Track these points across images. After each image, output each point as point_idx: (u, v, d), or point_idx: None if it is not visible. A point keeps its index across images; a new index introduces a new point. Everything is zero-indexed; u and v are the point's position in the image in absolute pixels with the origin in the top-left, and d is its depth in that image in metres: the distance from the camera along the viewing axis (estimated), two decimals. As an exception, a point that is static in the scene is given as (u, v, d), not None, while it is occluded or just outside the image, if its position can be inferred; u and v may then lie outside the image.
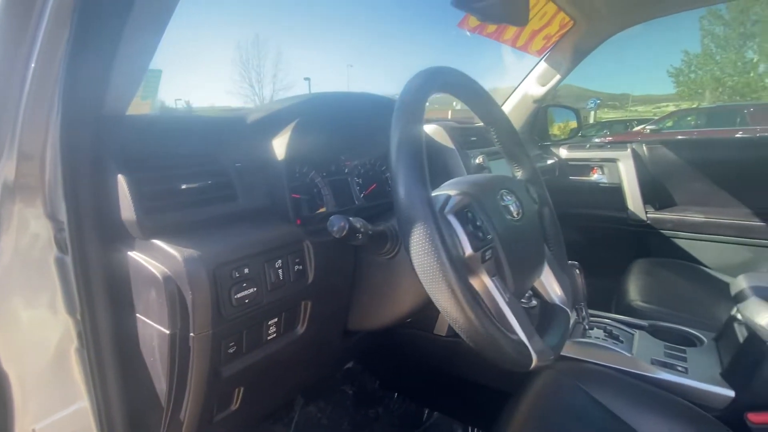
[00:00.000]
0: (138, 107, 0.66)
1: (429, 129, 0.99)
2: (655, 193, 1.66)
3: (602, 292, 1.54)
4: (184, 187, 0.51)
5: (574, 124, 2.05)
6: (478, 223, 0.51)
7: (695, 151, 1.62)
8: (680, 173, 1.62)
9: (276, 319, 0.57)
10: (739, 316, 0.81)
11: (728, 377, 0.79)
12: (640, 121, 12.01)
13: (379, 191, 0.90)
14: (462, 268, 0.45)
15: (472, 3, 0.91)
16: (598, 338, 0.94)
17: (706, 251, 1.55)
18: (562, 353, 0.90)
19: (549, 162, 1.80)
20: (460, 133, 1.02)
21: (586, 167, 1.81)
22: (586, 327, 0.98)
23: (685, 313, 1.10)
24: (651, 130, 9.87)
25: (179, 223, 0.50)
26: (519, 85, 1.76)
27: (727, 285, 1.36)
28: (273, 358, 0.59)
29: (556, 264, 0.70)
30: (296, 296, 0.59)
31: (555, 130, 2.04)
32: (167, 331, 0.46)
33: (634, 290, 1.25)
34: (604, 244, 1.79)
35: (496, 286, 0.52)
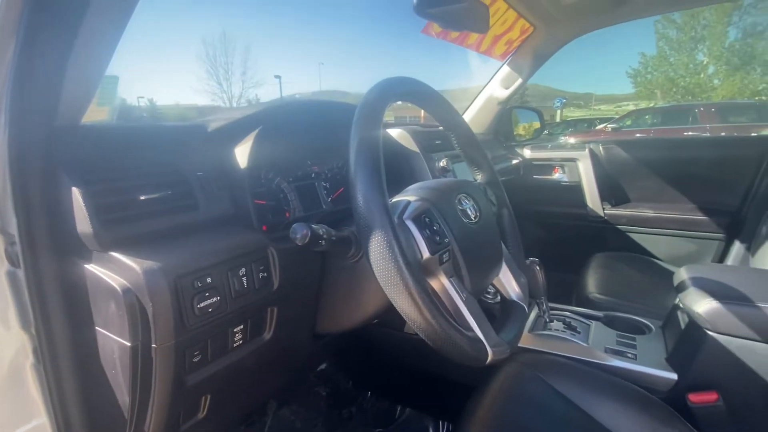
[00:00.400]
0: (94, 114, 0.64)
1: (394, 133, 1.02)
2: (611, 190, 1.76)
3: (564, 285, 1.62)
4: (143, 198, 0.51)
5: (537, 124, 2.14)
6: (435, 228, 0.54)
7: (646, 150, 1.73)
8: (633, 172, 1.72)
9: (242, 327, 0.57)
10: (681, 305, 0.88)
11: (672, 361, 0.85)
12: (603, 120, 12.61)
13: (347, 195, 0.92)
14: (419, 272, 0.48)
15: (433, 11, 0.94)
16: (558, 330, 0.99)
17: (657, 244, 1.66)
18: (524, 345, 0.95)
19: (514, 162, 1.87)
20: (425, 136, 1.05)
21: (548, 167, 1.89)
22: (547, 320, 1.03)
23: (637, 303, 1.18)
24: (612, 128, 10.37)
25: (139, 234, 0.50)
26: (484, 87, 1.82)
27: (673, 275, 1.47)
28: (240, 365, 0.60)
29: (513, 262, 0.74)
30: (262, 303, 0.59)
31: (520, 130, 2.12)
32: (128, 344, 0.46)
33: (592, 283, 1.33)
34: (566, 239, 1.88)
35: (454, 286, 0.54)
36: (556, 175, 1.87)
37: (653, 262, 1.55)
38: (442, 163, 1.00)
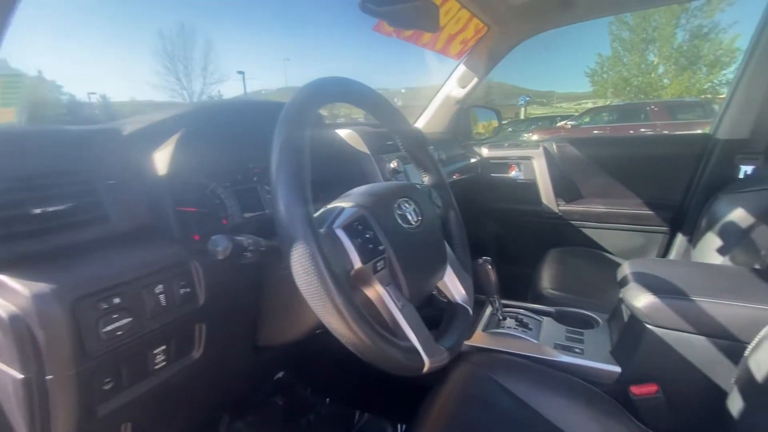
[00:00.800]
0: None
1: (343, 134, 0.99)
2: (565, 187, 1.81)
3: (521, 280, 1.65)
4: (37, 211, 0.45)
5: (496, 123, 2.17)
6: (368, 235, 0.52)
7: (596, 148, 1.79)
8: (585, 169, 1.78)
9: (164, 347, 0.53)
10: (623, 300, 0.90)
11: (616, 355, 0.88)
12: (564, 117, 13.08)
13: None
14: (345, 284, 0.45)
15: (380, 9, 0.91)
16: (510, 327, 1.00)
17: (607, 238, 1.73)
18: (477, 345, 0.95)
19: (472, 161, 1.89)
20: (376, 137, 1.02)
21: (505, 165, 1.92)
22: (500, 317, 1.04)
23: (587, 297, 1.21)
24: (572, 125, 10.80)
25: (33, 253, 0.45)
26: (441, 87, 1.82)
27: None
28: (166, 387, 0.55)
29: (459, 265, 0.73)
30: (187, 320, 0.55)
31: (479, 128, 2.14)
32: (20, 376, 0.41)
33: (545, 278, 1.36)
34: (523, 235, 1.92)
35: (390, 295, 0.52)
36: (513, 173, 1.90)
37: (604, 256, 1.61)
38: (393, 164, 0.98)
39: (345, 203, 0.55)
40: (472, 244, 0.80)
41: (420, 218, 0.61)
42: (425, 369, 0.52)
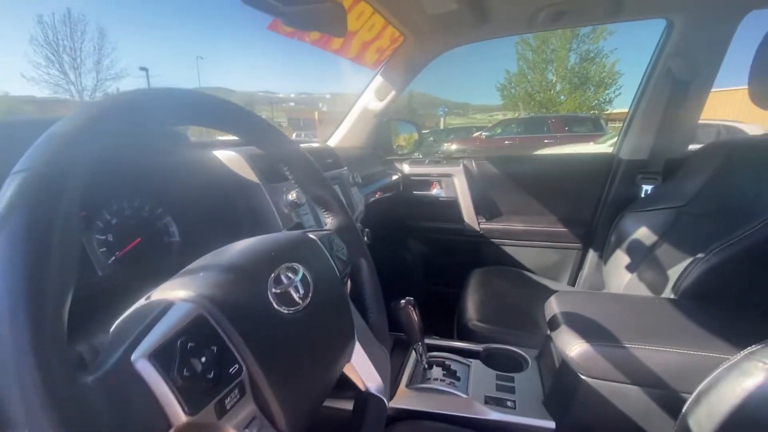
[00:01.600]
0: None
1: (223, 156, 0.77)
2: (485, 205, 1.78)
3: (447, 300, 1.58)
4: None
5: (416, 135, 2.09)
6: (206, 359, 0.31)
7: (513, 166, 1.79)
8: (503, 186, 1.76)
9: None
10: (553, 342, 0.83)
11: (549, 406, 0.80)
12: (479, 128, 13.96)
13: (148, 249, 0.65)
14: None
15: (270, 2, 0.73)
16: (437, 380, 0.89)
17: (527, 256, 1.72)
18: (402, 407, 0.82)
19: (394, 178, 1.77)
20: (267, 161, 0.82)
21: (427, 182, 1.84)
22: (426, 366, 0.92)
23: (514, 329, 1.14)
24: (486, 136, 11.53)
25: None
26: (358, 99, 1.67)
27: (544, 287, 1.53)
28: None
29: (372, 336, 0.57)
30: None
31: (401, 141, 2.04)
32: None
33: (471, 307, 1.27)
34: (447, 253, 1.85)
35: None
36: (435, 191, 1.83)
37: (524, 276, 1.59)
38: (292, 195, 0.79)
39: (177, 292, 0.34)
40: (396, 266, 0.65)
41: (311, 290, 0.44)
42: None
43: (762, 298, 0.87)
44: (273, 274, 0.40)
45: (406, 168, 1.86)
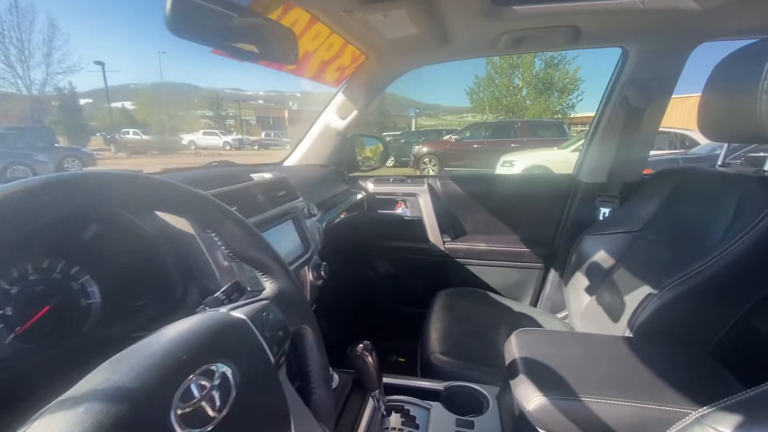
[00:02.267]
0: None
1: None
2: (450, 224, 1.76)
3: (412, 322, 1.55)
4: None
5: (381, 148, 2.05)
6: None
7: (476, 185, 1.78)
8: (467, 205, 1.75)
9: None
10: (513, 388, 0.81)
11: None
12: (449, 131, 14.12)
13: (57, 319, 0.57)
14: None
15: (192, 32, 0.66)
16: (395, 429, 0.85)
17: (491, 275, 1.72)
18: None
19: (359, 197, 1.72)
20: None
21: (392, 201, 1.81)
22: (383, 413, 0.88)
23: (476, 362, 1.12)
24: (455, 139, 11.68)
25: None
26: (318, 118, 1.61)
27: (508, 309, 1.53)
28: None
29: (312, 419, 0.52)
30: None
31: (367, 152, 2.00)
32: None
33: (434, 336, 1.24)
34: (413, 273, 1.83)
35: None
36: (400, 210, 1.79)
37: (488, 296, 1.58)
38: None
39: (64, 415, 0.28)
40: (361, 286, 0.59)
41: (232, 395, 0.37)
42: None
43: (711, 335, 0.89)
44: (181, 389, 0.34)
45: (371, 186, 1.81)
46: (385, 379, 0.93)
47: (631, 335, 0.94)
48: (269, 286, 0.54)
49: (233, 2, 0.71)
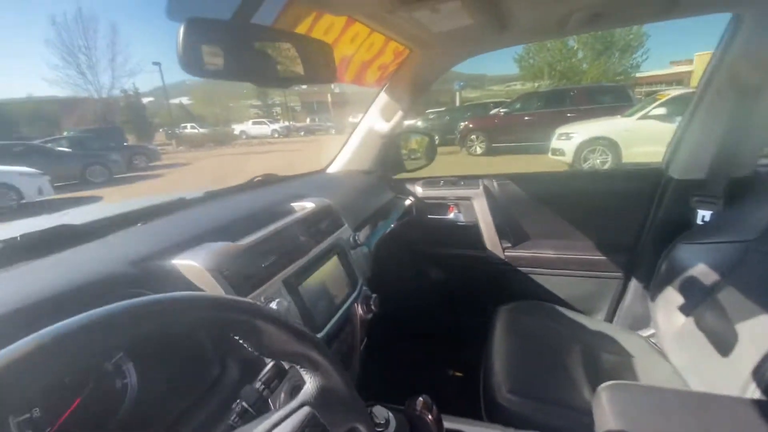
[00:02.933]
0: None
1: (186, 269, 0.61)
2: (510, 230, 1.59)
3: (470, 337, 1.43)
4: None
5: (429, 143, 1.89)
6: None
7: (540, 184, 1.58)
8: (530, 208, 1.56)
9: None
10: None
11: None
12: (496, 104, 13.29)
13: (89, 408, 0.52)
14: None
15: (207, 71, 0.56)
16: None
17: (559, 287, 1.54)
18: None
19: (406, 203, 1.60)
20: (243, 264, 0.66)
21: (443, 205, 1.66)
22: None
23: (551, 402, 0.98)
24: (504, 112, 10.98)
25: None
26: (361, 121, 1.49)
27: (580, 326, 1.35)
28: None
29: None
30: None
31: (413, 144, 1.85)
32: None
33: (499, 367, 1.11)
34: (469, 284, 1.69)
35: None
36: (452, 215, 1.64)
37: (557, 311, 1.41)
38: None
39: None
40: (412, 297, 0.49)
41: None
42: None
43: None
44: None
45: (419, 191, 1.67)
46: (447, 424, 0.82)
47: (760, 395, 0.75)
48: (310, 383, 0.44)
49: (259, 27, 0.60)
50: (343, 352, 0.90)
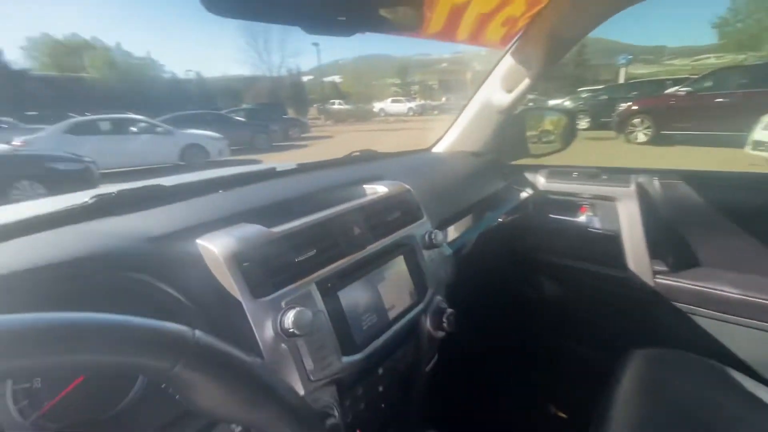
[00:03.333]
0: None
1: (207, 252, 0.52)
2: (669, 249, 1.15)
3: (581, 371, 1.11)
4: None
5: (565, 121, 1.50)
6: None
7: (729, 190, 1.09)
8: (705, 222, 1.10)
9: None
10: None
11: None
12: (677, 81, 10.65)
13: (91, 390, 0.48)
14: None
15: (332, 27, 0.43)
16: None
17: (738, 342, 1.06)
18: None
19: (522, 195, 1.31)
20: (266, 250, 0.53)
21: (572, 204, 1.30)
22: None
23: None
24: (686, 91, 8.74)
25: None
26: (476, 92, 1.24)
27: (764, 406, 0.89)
28: None
29: None
30: None
31: (547, 125, 1.51)
32: None
33: (619, 428, 0.80)
34: (595, 309, 1.31)
35: None
36: (584, 218, 1.28)
37: (731, 379, 0.96)
38: (289, 317, 0.49)
39: None
40: (516, 313, 0.32)
41: None
42: None
43: None
44: None
45: (542, 181, 1.34)
46: None
47: None
48: None
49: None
50: (401, 373, 0.73)
